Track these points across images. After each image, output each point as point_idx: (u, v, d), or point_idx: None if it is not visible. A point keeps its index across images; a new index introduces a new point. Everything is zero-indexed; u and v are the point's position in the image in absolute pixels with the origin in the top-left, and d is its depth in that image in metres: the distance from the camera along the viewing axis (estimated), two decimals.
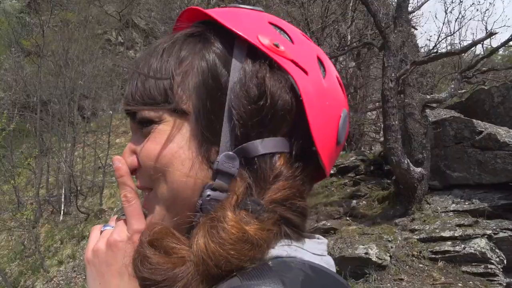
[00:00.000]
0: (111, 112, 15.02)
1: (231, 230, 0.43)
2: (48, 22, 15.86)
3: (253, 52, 0.48)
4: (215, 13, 0.50)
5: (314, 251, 0.50)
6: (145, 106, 0.50)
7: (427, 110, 6.55)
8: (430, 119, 6.38)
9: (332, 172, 8.93)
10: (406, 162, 5.67)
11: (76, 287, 7.84)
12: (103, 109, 18.21)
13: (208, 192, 0.47)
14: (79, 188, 11.96)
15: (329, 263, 0.52)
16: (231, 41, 0.49)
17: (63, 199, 11.70)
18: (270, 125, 0.48)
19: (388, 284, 4.73)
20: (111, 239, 0.52)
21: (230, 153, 0.48)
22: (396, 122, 5.77)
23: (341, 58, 14.62)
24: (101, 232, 0.56)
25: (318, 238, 0.54)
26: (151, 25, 19.80)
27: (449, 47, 13.47)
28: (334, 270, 0.51)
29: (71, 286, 7.86)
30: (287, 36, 0.51)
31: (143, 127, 0.51)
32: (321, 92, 0.50)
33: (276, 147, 0.48)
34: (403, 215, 5.98)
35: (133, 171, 0.53)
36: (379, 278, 4.87)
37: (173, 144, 0.49)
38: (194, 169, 0.49)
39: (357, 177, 8.22)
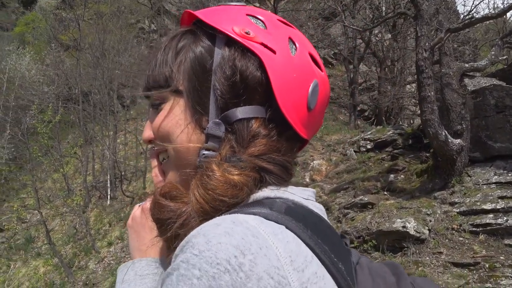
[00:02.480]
0: None
1: (214, 177, 0.55)
2: (83, 16, 16.35)
3: (230, 41, 0.60)
4: (201, 13, 0.64)
5: (301, 195, 0.61)
6: (154, 90, 0.65)
7: (466, 79, 6.28)
8: (469, 88, 6.13)
9: (369, 147, 8.81)
10: (443, 134, 5.51)
11: None
12: (142, 96, 18.68)
13: (203, 152, 0.60)
14: (123, 173, 12.47)
15: (316, 207, 0.62)
16: (215, 33, 0.62)
17: (109, 185, 12.24)
18: (244, 96, 0.59)
19: (427, 258, 4.69)
20: (144, 206, 0.72)
21: (217, 120, 0.60)
22: (432, 93, 5.59)
23: (376, 31, 14.16)
24: (139, 206, 0.75)
25: (304, 188, 0.65)
26: (182, 10, 19.94)
27: (492, 11, 12.73)
28: (323, 214, 0.62)
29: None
30: (261, 23, 0.63)
31: (155, 107, 0.66)
32: (288, 66, 0.60)
33: (252, 112, 0.59)
34: (443, 188, 5.85)
35: (151, 141, 0.69)
36: (417, 251, 4.84)
37: (174, 116, 0.63)
38: (191, 135, 0.62)
39: (395, 151, 8.07)
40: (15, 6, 35.99)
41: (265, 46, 0.60)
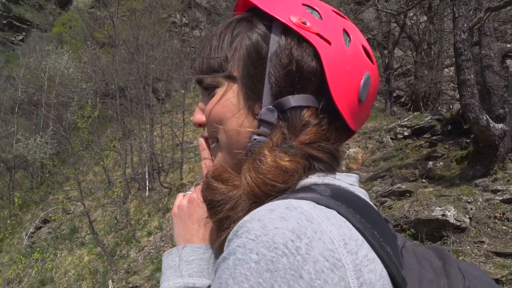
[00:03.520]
0: (183, 91, 15.62)
1: (266, 161, 0.57)
2: (116, 13, 16.72)
3: (287, 29, 0.61)
4: (257, 1, 0.65)
5: (346, 180, 0.62)
6: (207, 75, 0.66)
7: (508, 60, 5.99)
8: (511, 70, 5.84)
9: (406, 134, 8.60)
10: (484, 119, 5.29)
11: None
12: (176, 89, 19.03)
13: (255, 136, 0.61)
14: (160, 165, 12.74)
15: (361, 192, 0.64)
16: (271, 22, 0.63)
17: (147, 176, 12.54)
18: (299, 84, 0.60)
19: (468, 247, 4.55)
20: (192, 196, 0.72)
21: (270, 106, 0.61)
22: (472, 76, 5.36)
23: (411, 13, 13.68)
24: (184, 196, 0.75)
25: (348, 173, 0.66)
26: (213, 3, 20.03)
27: None
28: (368, 199, 0.64)
29: (160, 254, 8.57)
30: (317, 14, 0.64)
31: (208, 91, 0.67)
32: (342, 58, 0.61)
33: (304, 101, 0.60)
34: (484, 175, 5.63)
35: (201, 125, 0.71)
36: (457, 240, 4.70)
37: (227, 101, 0.64)
38: (244, 120, 0.63)
39: (433, 137, 7.84)
40: (52, 8, 37.35)
41: (321, 36, 0.60)
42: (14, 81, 21.58)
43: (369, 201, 0.63)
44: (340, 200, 0.54)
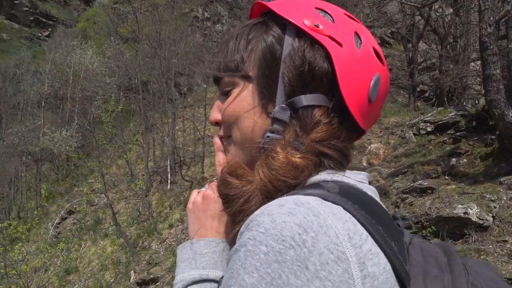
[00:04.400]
0: (205, 86, 15.70)
1: (278, 158, 0.60)
2: (139, 8, 16.92)
3: (300, 32, 0.64)
4: (272, 4, 0.68)
5: (355, 178, 0.65)
6: (224, 74, 0.69)
7: None
8: None
9: (429, 129, 8.45)
10: (510, 115, 5.15)
11: None
12: (198, 84, 19.15)
13: (268, 134, 0.64)
14: (182, 159, 12.88)
15: (370, 189, 0.66)
16: (285, 25, 0.66)
17: (169, 170, 12.71)
18: (311, 84, 0.63)
19: (490, 246, 4.46)
20: (206, 193, 0.76)
21: (283, 105, 0.64)
22: (498, 71, 5.22)
23: (436, 6, 13.35)
24: (198, 192, 0.79)
25: (358, 171, 0.69)
26: None
27: None
28: (376, 196, 0.66)
29: None
30: (329, 17, 0.66)
31: (225, 91, 0.70)
32: (353, 60, 0.63)
33: (316, 100, 0.63)
34: (509, 173, 5.48)
35: (217, 123, 0.74)
36: (479, 239, 4.61)
37: (242, 100, 0.67)
38: (258, 118, 0.66)
39: (457, 134, 7.67)
40: (77, 4, 38.16)
41: (333, 39, 0.63)
42: (41, 76, 22.19)
43: (377, 198, 0.65)
44: (346, 197, 0.57)
